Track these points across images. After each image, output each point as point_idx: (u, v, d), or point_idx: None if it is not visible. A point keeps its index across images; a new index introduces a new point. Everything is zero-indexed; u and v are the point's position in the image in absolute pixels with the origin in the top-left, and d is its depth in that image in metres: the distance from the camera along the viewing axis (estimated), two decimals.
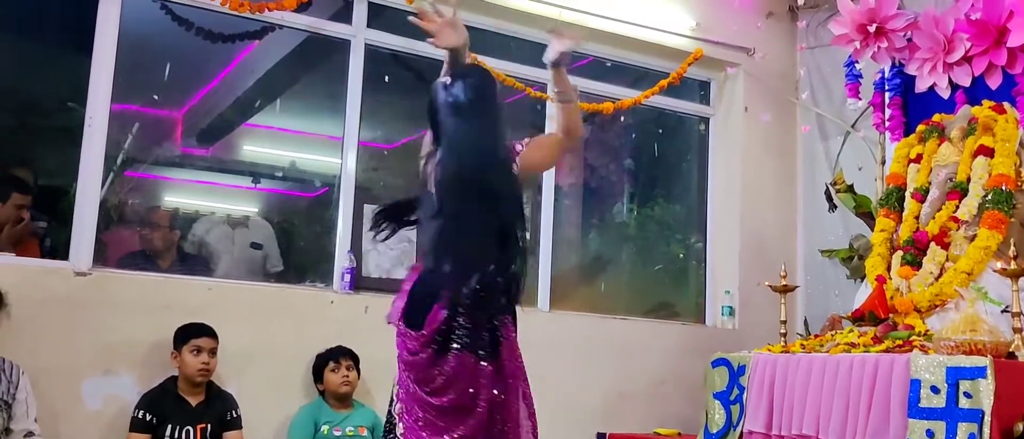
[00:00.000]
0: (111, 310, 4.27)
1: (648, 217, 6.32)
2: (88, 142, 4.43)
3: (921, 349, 3.66)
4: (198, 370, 4.10)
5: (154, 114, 5.28)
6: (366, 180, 5.23)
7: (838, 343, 4.07)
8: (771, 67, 6.06)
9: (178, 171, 5.70)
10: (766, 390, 4.06)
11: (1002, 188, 4.15)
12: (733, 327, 5.78)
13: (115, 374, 4.22)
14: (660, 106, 6.01)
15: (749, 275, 5.75)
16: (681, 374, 5.36)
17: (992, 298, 3.87)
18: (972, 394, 3.32)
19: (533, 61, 5.58)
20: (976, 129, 4.44)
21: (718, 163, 6.10)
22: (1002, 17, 4.58)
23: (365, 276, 4.95)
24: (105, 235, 4.65)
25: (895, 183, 4.77)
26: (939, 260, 4.27)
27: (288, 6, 4.72)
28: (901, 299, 4.24)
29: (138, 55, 4.73)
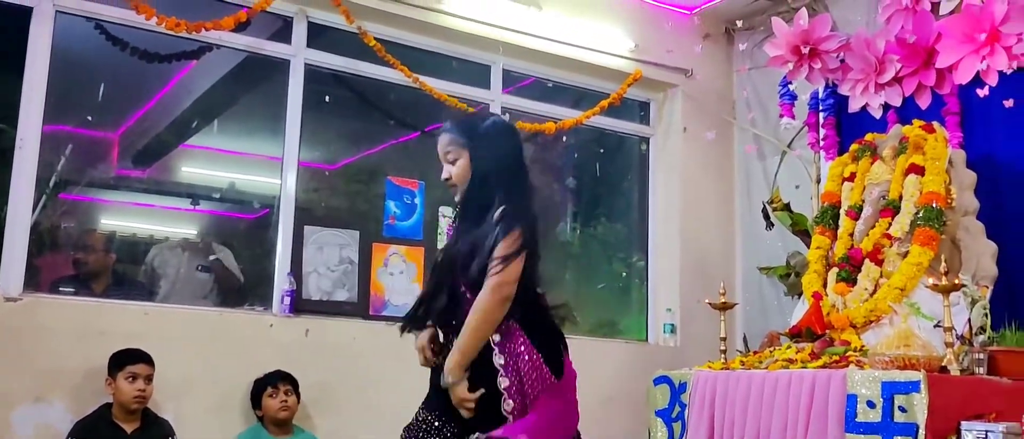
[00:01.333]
0: (43, 336, 4.15)
1: (591, 236, 6.36)
2: (19, 164, 4.33)
3: (857, 364, 3.73)
4: (134, 397, 4.01)
5: (88, 135, 5.17)
6: (306, 201, 5.18)
7: (776, 359, 4.12)
8: (709, 88, 6.15)
9: (114, 193, 5.58)
10: (707, 407, 4.10)
11: (933, 205, 4.25)
12: (675, 344, 5.82)
13: (47, 402, 4.10)
14: (601, 126, 6.07)
15: (690, 293, 5.82)
16: (626, 392, 5.38)
17: (925, 313, 3.95)
18: (907, 408, 3.38)
19: (475, 81, 5.61)
20: (907, 148, 4.55)
21: (659, 182, 6.17)
22: (930, 39, 4.72)
23: (305, 299, 4.90)
24: (37, 259, 4.53)
25: (830, 201, 4.86)
26: (873, 276, 4.35)
27: (226, 26, 4.67)
28: (837, 315, 4.31)
29: (71, 75, 4.64)
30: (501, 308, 2.67)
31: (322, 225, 5.10)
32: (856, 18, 5.31)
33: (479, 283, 2.69)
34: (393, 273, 5.17)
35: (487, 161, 2.75)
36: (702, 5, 5.98)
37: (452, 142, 2.82)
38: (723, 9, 5.97)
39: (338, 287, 5.03)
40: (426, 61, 5.41)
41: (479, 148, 2.77)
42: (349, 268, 5.08)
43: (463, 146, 2.80)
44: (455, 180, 2.82)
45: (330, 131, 5.61)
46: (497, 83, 5.65)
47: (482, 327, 2.67)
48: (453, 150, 2.81)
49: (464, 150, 2.79)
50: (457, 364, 2.68)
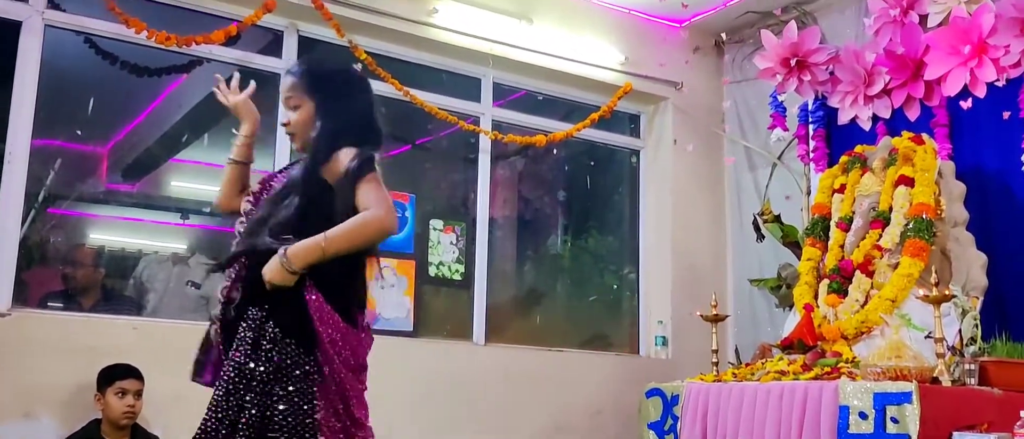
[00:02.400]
0: (32, 351, 4.12)
1: (582, 249, 6.36)
2: (7, 178, 4.30)
3: (849, 376, 3.73)
4: (123, 413, 3.98)
5: (78, 149, 5.15)
6: None
7: (768, 371, 4.12)
8: (699, 100, 6.17)
9: (103, 207, 5.55)
10: (699, 419, 4.10)
11: (923, 217, 4.26)
12: (667, 357, 5.82)
13: (35, 418, 4.07)
14: (592, 139, 6.08)
15: (681, 305, 5.82)
16: (617, 405, 5.37)
17: (916, 324, 3.97)
18: (899, 419, 3.39)
19: (466, 95, 5.61)
20: (897, 159, 4.57)
21: (649, 195, 6.18)
22: (919, 51, 4.75)
23: None
24: (26, 274, 4.51)
25: (820, 213, 4.88)
26: (864, 288, 4.36)
27: (216, 40, 4.66)
28: (828, 327, 4.32)
29: (61, 89, 4.63)
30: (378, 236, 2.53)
31: None
32: (845, 30, 5.34)
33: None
34: (384, 286, 5.16)
35: (332, 112, 2.62)
36: (691, 18, 6.01)
37: (296, 87, 2.67)
38: (712, 22, 6.00)
39: None
40: (416, 74, 5.41)
41: (327, 101, 2.63)
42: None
43: (305, 92, 2.66)
44: (294, 128, 2.69)
45: None
46: (488, 96, 5.66)
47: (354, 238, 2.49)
48: (295, 96, 2.67)
49: (309, 100, 2.65)
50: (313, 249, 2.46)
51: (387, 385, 4.89)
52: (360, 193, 2.51)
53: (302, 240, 2.47)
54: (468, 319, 5.41)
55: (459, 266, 5.48)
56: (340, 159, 2.55)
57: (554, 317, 6.11)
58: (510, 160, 6.09)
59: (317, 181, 2.56)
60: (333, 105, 2.62)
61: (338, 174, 2.54)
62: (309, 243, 2.46)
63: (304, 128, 2.65)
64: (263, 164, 5.08)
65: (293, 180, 2.62)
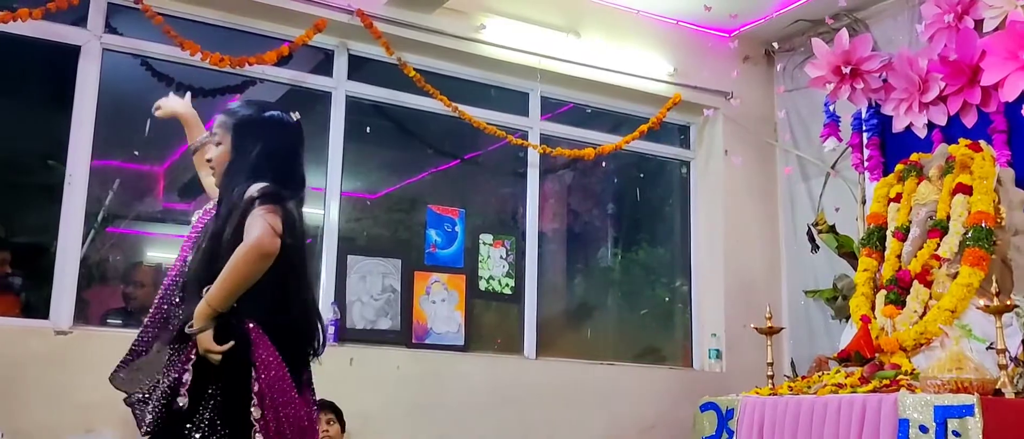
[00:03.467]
0: (92, 368, 4.18)
1: (632, 261, 6.33)
2: (68, 199, 4.41)
3: (908, 388, 3.66)
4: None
5: (135, 169, 5.26)
6: (349, 230, 5.22)
7: (826, 384, 4.06)
8: (750, 110, 6.12)
9: (160, 226, 5.66)
10: (755, 433, 4.05)
11: (982, 225, 4.18)
12: (720, 370, 5.76)
13: (97, 434, 4.15)
14: (641, 151, 6.05)
15: (735, 317, 5.75)
16: (670, 419, 5.32)
17: (977, 335, 3.88)
18: (961, 432, 3.31)
19: (513, 109, 5.63)
20: (954, 167, 4.48)
21: (700, 206, 6.13)
22: (975, 56, 4.66)
23: (349, 328, 4.92)
24: (86, 292, 4.61)
25: (876, 222, 4.80)
26: (922, 298, 4.28)
27: (269, 60, 4.74)
28: (886, 338, 4.24)
29: (118, 111, 4.73)
30: (257, 262, 2.47)
31: (364, 254, 5.13)
32: (898, 37, 5.26)
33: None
34: (435, 301, 5.19)
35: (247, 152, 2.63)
36: (741, 28, 5.96)
37: (220, 124, 2.74)
38: (762, 31, 5.95)
39: (381, 316, 5.05)
40: (465, 90, 5.44)
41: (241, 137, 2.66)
42: (392, 296, 5.10)
43: (227, 130, 2.70)
44: (214, 163, 2.73)
45: (371, 161, 5.66)
46: (536, 110, 5.67)
47: (234, 278, 2.46)
48: (219, 133, 2.73)
49: (228, 135, 2.70)
50: (203, 313, 2.48)
51: (439, 399, 4.93)
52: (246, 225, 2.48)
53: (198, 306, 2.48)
54: (519, 333, 5.41)
55: (509, 280, 5.48)
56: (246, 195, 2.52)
57: (605, 330, 6.08)
58: (559, 173, 6.09)
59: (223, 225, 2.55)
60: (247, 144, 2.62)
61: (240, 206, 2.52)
62: (199, 308, 2.47)
63: (220, 164, 2.68)
64: (315, 181, 5.15)
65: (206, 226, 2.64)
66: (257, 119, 2.72)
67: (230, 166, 2.62)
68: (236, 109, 2.79)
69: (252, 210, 2.47)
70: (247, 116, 2.73)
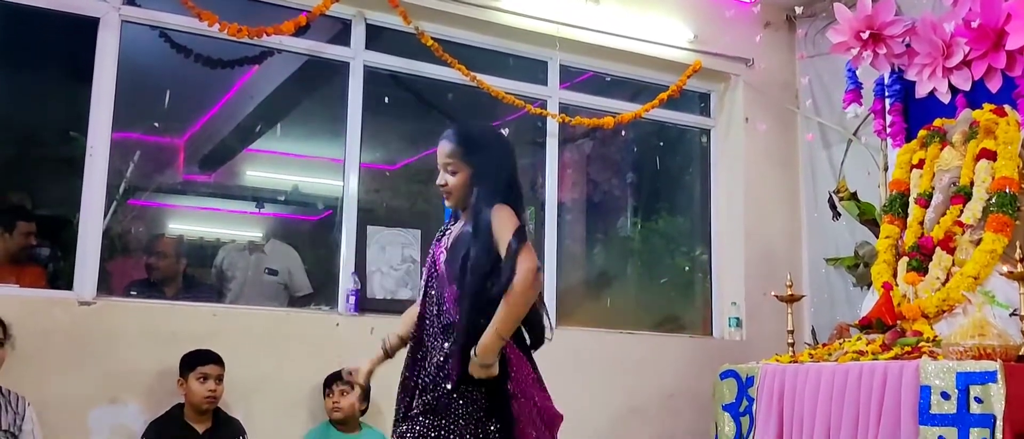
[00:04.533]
0: (116, 339, 4.26)
1: (652, 230, 6.31)
2: (90, 171, 4.43)
3: (930, 355, 3.64)
4: (205, 397, 4.09)
5: (155, 142, 5.30)
6: (368, 201, 5.23)
7: (846, 351, 4.04)
8: (771, 77, 6.06)
9: (181, 198, 5.71)
10: (775, 401, 4.04)
11: (1006, 191, 4.13)
12: (740, 338, 5.75)
13: (122, 403, 4.21)
14: (661, 119, 6.01)
15: (755, 286, 5.73)
16: (690, 387, 5.33)
17: (1000, 301, 3.85)
18: (983, 399, 3.29)
19: (532, 78, 5.60)
20: (978, 133, 4.43)
21: (721, 174, 6.09)
22: (1000, 20, 4.57)
23: (370, 298, 4.94)
24: (109, 264, 4.66)
25: (898, 189, 4.76)
26: (945, 265, 4.24)
27: (286, 30, 4.73)
28: (908, 305, 4.21)
29: (138, 83, 4.75)
30: (534, 288, 2.76)
31: (384, 225, 5.14)
32: (921, 1, 5.18)
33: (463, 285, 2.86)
34: None
35: (488, 178, 2.90)
36: None
37: (454, 154, 2.95)
38: None
39: (401, 286, 5.07)
40: (483, 59, 5.42)
41: (480, 166, 2.91)
42: (411, 267, 5.11)
43: (464, 161, 2.93)
44: (451, 189, 2.96)
45: (390, 132, 5.66)
46: (554, 79, 5.64)
47: (516, 312, 2.76)
48: (453, 163, 2.94)
49: (466, 166, 2.93)
50: (494, 345, 2.77)
51: None
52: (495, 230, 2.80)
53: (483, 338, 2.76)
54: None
55: None
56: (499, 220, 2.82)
57: (625, 300, 6.08)
58: (578, 143, 6.07)
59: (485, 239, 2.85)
60: (487, 170, 2.90)
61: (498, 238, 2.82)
62: (490, 339, 2.76)
63: (460, 191, 2.94)
64: (333, 152, 5.17)
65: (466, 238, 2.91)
66: (489, 142, 3.00)
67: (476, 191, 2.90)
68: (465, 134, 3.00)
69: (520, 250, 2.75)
70: (479, 140, 2.98)
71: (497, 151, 2.97)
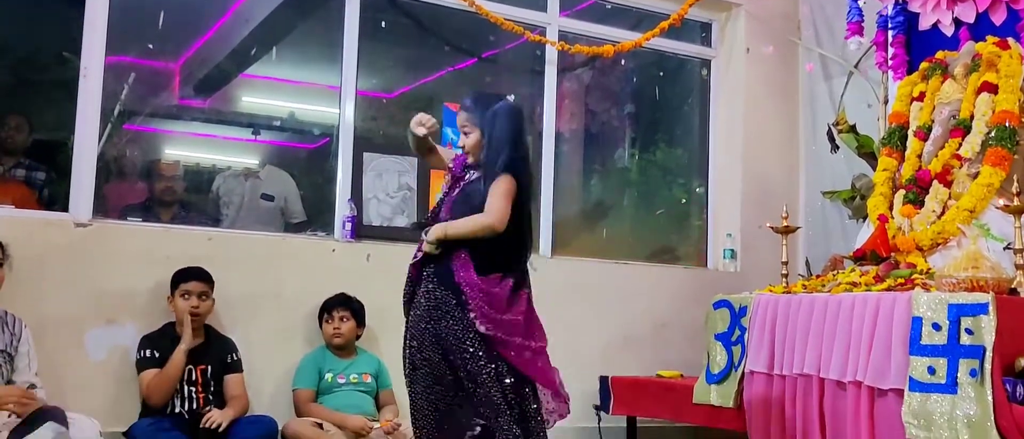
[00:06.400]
0: (113, 261, 4.27)
1: (650, 162, 6.29)
2: (84, 93, 4.39)
3: (923, 287, 3.65)
4: (187, 313, 4.12)
5: (150, 65, 5.24)
6: (365, 129, 5.21)
7: (840, 283, 4.06)
8: (773, 7, 5.98)
9: (176, 123, 5.67)
10: (767, 331, 4.06)
11: (1006, 124, 4.10)
12: (735, 270, 5.77)
13: (118, 324, 4.23)
14: (661, 49, 5.95)
15: (751, 218, 5.74)
16: (683, 317, 5.36)
17: (994, 235, 3.85)
18: (973, 330, 3.31)
19: (532, 4, 5.52)
20: (980, 65, 4.38)
21: (720, 106, 6.05)
22: None
23: (366, 224, 4.95)
24: (105, 187, 4.65)
25: (898, 122, 4.73)
26: (941, 198, 4.24)
27: None
28: (903, 238, 4.22)
29: (132, 4, 4.69)
30: (484, 233, 3.25)
31: (381, 152, 5.12)
32: None
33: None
34: None
35: (494, 138, 3.34)
36: None
37: (468, 119, 3.41)
38: None
39: (397, 213, 5.07)
40: None
41: (490, 131, 3.36)
42: (408, 194, 5.11)
43: (476, 124, 3.39)
44: (468, 150, 3.44)
45: (387, 59, 5.61)
46: (554, 5, 5.56)
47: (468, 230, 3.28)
48: (468, 126, 3.41)
49: (477, 128, 3.38)
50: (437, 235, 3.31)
51: None
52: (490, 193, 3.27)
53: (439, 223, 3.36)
54: (535, 232, 5.41)
55: None
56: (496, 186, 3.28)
57: (621, 230, 6.09)
58: (577, 72, 6.01)
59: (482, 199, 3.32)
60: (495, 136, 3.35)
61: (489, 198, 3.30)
62: (438, 229, 3.33)
63: (474, 150, 3.42)
64: (330, 79, 5.12)
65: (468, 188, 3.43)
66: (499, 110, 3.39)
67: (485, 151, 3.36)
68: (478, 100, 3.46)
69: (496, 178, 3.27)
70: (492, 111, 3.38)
71: (505, 119, 3.36)
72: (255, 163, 5.70)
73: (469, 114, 3.41)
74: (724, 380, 4.23)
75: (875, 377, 3.52)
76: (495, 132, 3.34)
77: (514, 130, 3.38)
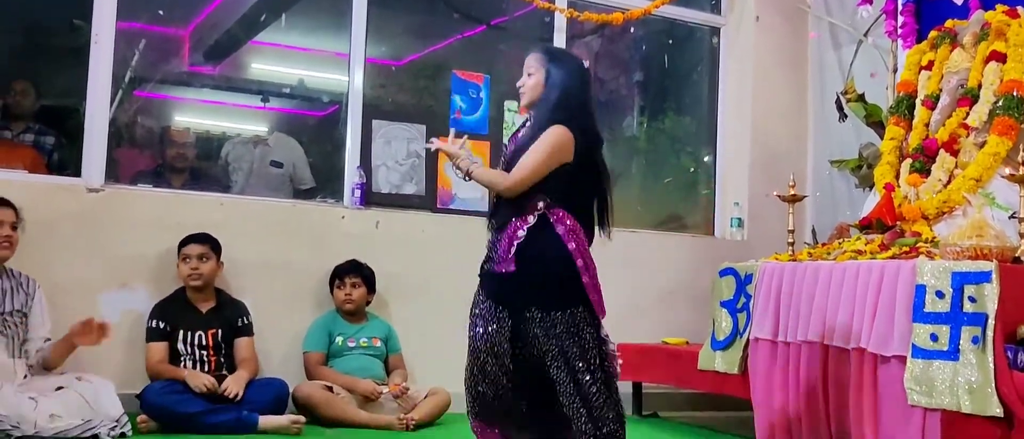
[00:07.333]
0: (124, 226, 4.32)
1: (658, 130, 6.30)
2: (95, 60, 4.43)
3: (927, 255, 3.67)
4: (187, 276, 4.18)
5: (160, 32, 5.26)
6: (374, 97, 5.22)
7: (845, 251, 4.08)
8: None
9: (186, 90, 5.70)
10: (772, 298, 4.09)
11: (1013, 94, 4.09)
12: (742, 238, 5.79)
13: (131, 288, 4.29)
14: (671, 16, 5.93)
15: (759, 187, 5.74)
16: (690, 285, 5.39)
17: (1000, 203, 3.86)
18: (977, 298, 3.32)
19: None
20: (989, 34, 4.37)
21: (729, 74, 6.04)
22: None
23: (375, 191, 4.98)
24: (116, 153, 4.69)
25: (906, 91, 4.72)
26: (948, 167, 4.24)
27: None
28: (909, 207, 4.23)
29: None
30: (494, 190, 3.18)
31: (390, 120, 5.14)
32: None
33: None
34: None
35: (556, 85, 3.15)
36: None
37: (535, 60, 3.21)
38: None
39: (406, 181, 5.10)
40: None
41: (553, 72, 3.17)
42: (416, 162, 5.13)
43: (542, 66, 3.18)
44: (526, 90, 3.21)
45: (396, 26, 5.61)
46: None
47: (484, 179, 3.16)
48: (533, 67, 3.21)
49: (541, 69, 3.18)
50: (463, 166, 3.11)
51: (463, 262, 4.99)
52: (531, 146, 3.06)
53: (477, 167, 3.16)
54: None
55: None
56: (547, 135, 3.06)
57: (628, 198, 6.10)
58: (586, 40, 6.00)
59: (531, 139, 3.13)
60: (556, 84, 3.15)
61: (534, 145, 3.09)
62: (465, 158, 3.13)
63: (532, 92, 3.19)
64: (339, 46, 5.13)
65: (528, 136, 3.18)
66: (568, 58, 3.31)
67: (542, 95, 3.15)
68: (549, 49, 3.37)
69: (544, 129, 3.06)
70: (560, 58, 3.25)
71: (572, 69, 3.21)
72: (264, 130, 5.73)
73: (537, 55, 3.24)
74: (729, 347, 4.27)
75: (878, 344, 3.55)
76: (556, 77, 3.15)
77: (579, 82, 3.20)
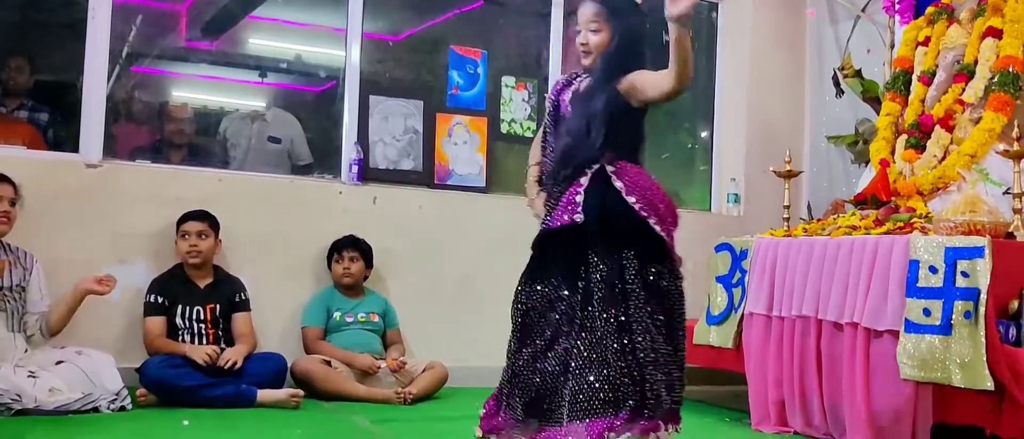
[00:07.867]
0: (123, 201, 4.34)
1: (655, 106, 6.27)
2: (92, 35, 4.42)
3: (921, 231, 3.69)
4: (186, 253, 4.20)
5: (157, 7, 5.25)
6: (371, 72, 5.22)
7: (840, 226, 4.10)
8: None
9: (184, 66, 5.69)
10: (767, 273, 4.11)
11: (1009, 70, 4.11)
12: (738, 214, 5.81)
13: (130, 263, 4.31)
14: None
15: (755, 163, 5.76)
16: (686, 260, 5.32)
17: (994, 179, 3.88)
18: (969, 273, 3.35)
19: None
20: (986, 10, 4.37)
21: (727, 50, 6.04)
22: None
23: (372, 167, 4.99)
24: (114, 128, 4.69)
25: (902, 66, 4.73)
26: (943, 143, 4.26)
27: None
28: (904, 182, 4.25)
29: None
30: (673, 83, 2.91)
31: (387, 95, 5.14)
32: None
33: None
34: (457, 143, 5.23)
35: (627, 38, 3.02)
36: None
37: (599, 14, 3.05)
38: None
39: (404, 156, 5.11)
40: None
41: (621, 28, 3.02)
42: (414, 138, 5.14)
43: (608, 21, 3.03)
44: (592, 48, 3.06)
45: (393, 1, 5.59)
46: None
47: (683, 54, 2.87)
48: (598, 23, 3.05)
49: (608, 25, 3.03)
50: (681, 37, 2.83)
51: (460, 238, 5.04)
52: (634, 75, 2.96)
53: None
54: None
55: (531, 123, 5.50)
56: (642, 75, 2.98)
57: None
58: None
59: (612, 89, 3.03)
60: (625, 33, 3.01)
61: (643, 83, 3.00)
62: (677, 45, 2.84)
63: (601, 46, 3.04)
64: (336, 21, 5.12)
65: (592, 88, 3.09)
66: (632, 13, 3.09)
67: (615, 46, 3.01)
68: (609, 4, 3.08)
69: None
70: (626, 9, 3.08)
71: (636, 18, 3.08)
72: (262, 105, 5.73)
73: (599, 9, 3.05)
74: (724, 321, 4.30)
75: (871, 319, 3.58)
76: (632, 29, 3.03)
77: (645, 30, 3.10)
